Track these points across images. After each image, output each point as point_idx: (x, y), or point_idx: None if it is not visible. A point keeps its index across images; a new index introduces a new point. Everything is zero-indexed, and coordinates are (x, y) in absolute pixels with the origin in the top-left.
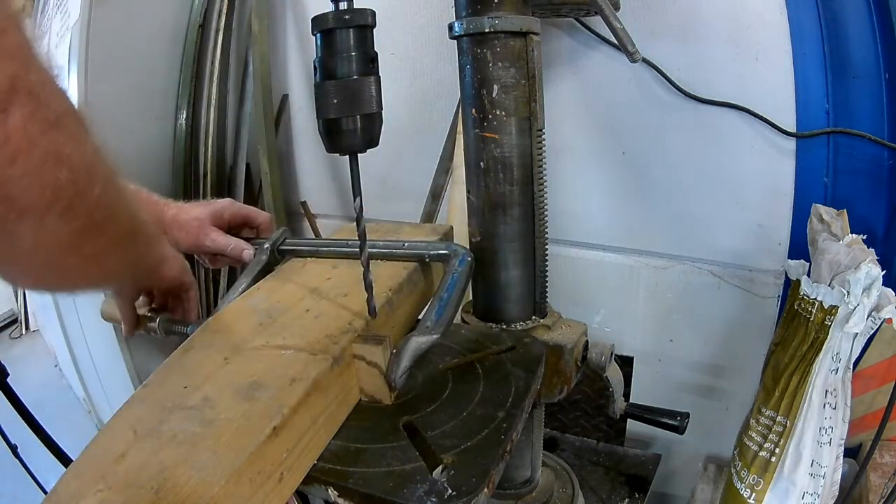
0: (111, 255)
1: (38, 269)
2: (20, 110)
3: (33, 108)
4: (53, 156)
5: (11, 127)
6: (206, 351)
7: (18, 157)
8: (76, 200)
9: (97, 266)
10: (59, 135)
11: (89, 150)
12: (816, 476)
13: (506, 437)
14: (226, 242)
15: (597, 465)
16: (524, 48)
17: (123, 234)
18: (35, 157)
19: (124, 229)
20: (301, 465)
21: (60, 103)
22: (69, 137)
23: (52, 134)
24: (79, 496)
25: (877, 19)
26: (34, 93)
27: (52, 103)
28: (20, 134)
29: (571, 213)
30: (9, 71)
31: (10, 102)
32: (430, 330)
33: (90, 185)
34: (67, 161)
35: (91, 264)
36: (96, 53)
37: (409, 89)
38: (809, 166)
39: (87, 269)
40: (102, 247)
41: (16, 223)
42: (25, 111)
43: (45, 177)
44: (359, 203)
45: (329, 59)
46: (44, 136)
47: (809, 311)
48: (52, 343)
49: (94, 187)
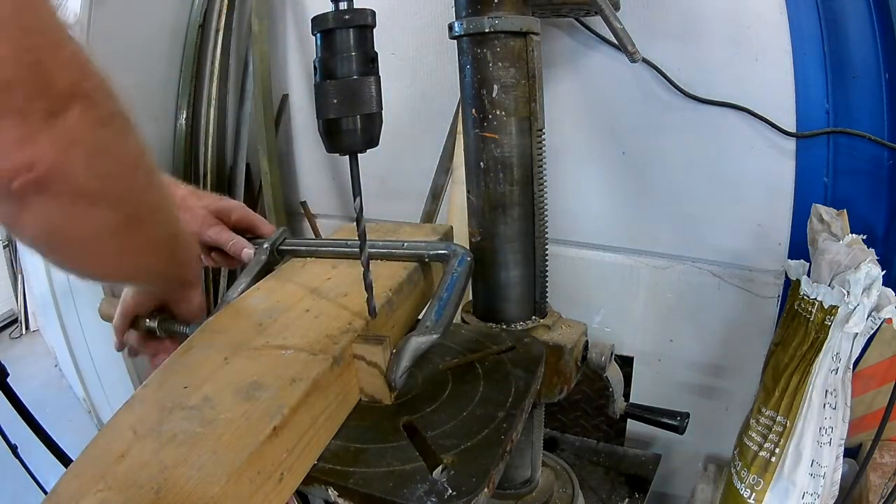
0: (153, 252)
1: (83, 253)
2: (77, 110)
3: (88, 108)
4: (104, 149)
5: (71, 124)
6: (206, 351)
7: (75, 148)
8: (123, 191)
9: (139, 258)
10: (109, 132)
11: (135, 147)
12: (816, 476)
13: (506, 437)
14: (227, 238)
15: (597, 465)
16: (524, 48)
17: (166, 235)
18: (89, 149)
19: (167, 229)
20: (301, 465)
21: (112, 104)
22: (117, 134)
23: (103, 131)
24: (79, 496)
25: (877, 19)
26: (89, 96)
27: (105, 104)
28: (76, 130)
29: (571, 213)
30: (69, 78)
31: (70, 104)
32: (430, 330)
33: (135, 178)
34: (115, 155)
35: (133, 255)
36: (96, 53)
37: (409, 89)
38: (809, 166)
39: (128, 259)
40: (146, 240)
41: (71, 205)
42: (81, 110)
43: (97, 166)
44: (359, 203)
45: (329, 59)
46: (96, 132)
47: (809, 311)
48: (52, 343)
49: (138, 181)
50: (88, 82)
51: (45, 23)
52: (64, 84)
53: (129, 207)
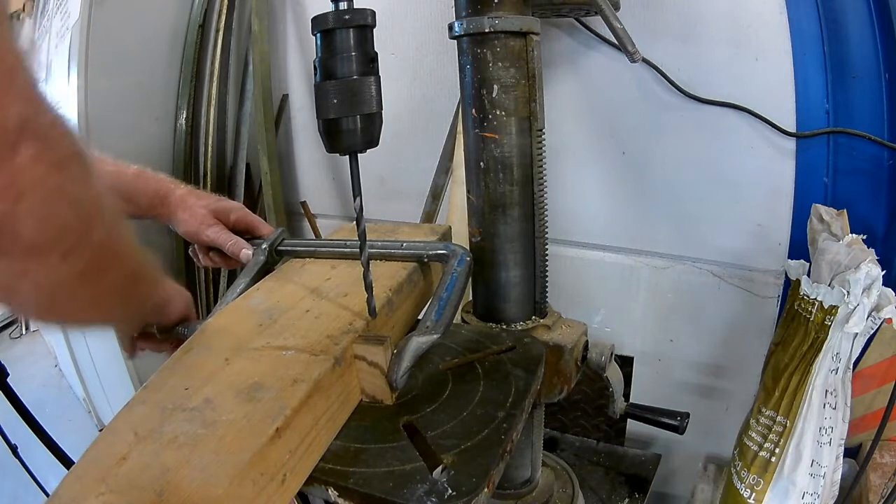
0: (113, 298)
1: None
2: (28, 150)
3: (41, 149)
4: (58, 197)
5: (19, 166)
6: (207, 352)
7: (25, 196)
8: (79, 242)
9: (97, 307)
10: (64, 177)
11: (93, 193)
12: (816, 476)
13: (506, 437)
14: (226, 238)
15: (597, 465)
16: (524, 48)
17: (126, 278)
18: (40, 197)
19: (127, 273)
20: (304, 466)
21: (68, 146)
22: (74, 180)
23: (58, 176)
24: (81, 499)
25: (877, 19)
26: (42, 134)
27: (60, 145)
28: (27, 173)
29: (571, 213)
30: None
31: (20, 143)
32: (431, 330)
33: (93, 227)
34: (72, 203)
35: (92, 305)
36: (96, 53)
37: (409, 89)
38: (809, 166)
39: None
40: (104, 289)
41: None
42: (33, 151)
43: (49, 217)
44: (359, 203)
45: (329, 59)
46: (50, 177)
47: (809, 311)
48: (52, 343)
49: (97, 230)
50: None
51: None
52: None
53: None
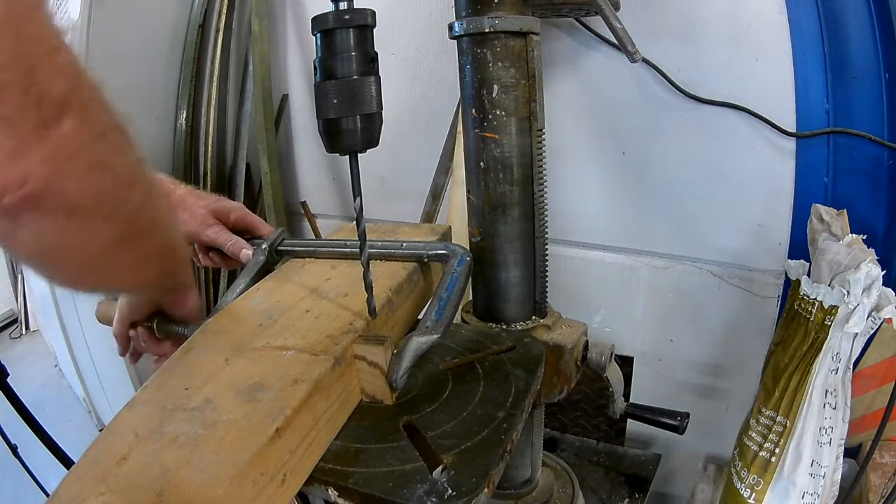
0: (149, 264)
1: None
2: (71, 121)
3: (82, 120)
4: (99, 164)
5: (63, 135)
6: (207, 352)
7: (69, 162)
8: (119, 206)
9: (135, 271)
10: (104, 145)
11: (132, 161)
12: (816, 476)
13: (506, 437)
14: (226, 238)
15: (597, 465)
16: (524, 48)
17: (162, 246)
18: (83, 164)
19: (163, 242)
20: (304, 466)
21: (107, 117)
22: (114, 148)
23: (99, 144)
24: (81, 499)
25: (877, 19)
26: (83, 107)
27: (100, 117)
28: (71, 142)
29: (571, 213)
30: (62, 86)
31: (63, 114)
32: (431, 330)
33: (132, 194)
34: (111, 169)
35: (129, 269)
36: (96, 54)
37: (409, 89)
38: (809, 166)
39: (124, 273)
40: (142, 254)
41: (66, 221)
42: (76, 122)
43: (92, 182)
44: (359, 203)
45: (329, 59)
46: (91, 146)
47: (809, 311)
48: (52, 343)
49: (136, 197)
50: (83, 93)
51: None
52: (57, 93)
53: (126, 223)
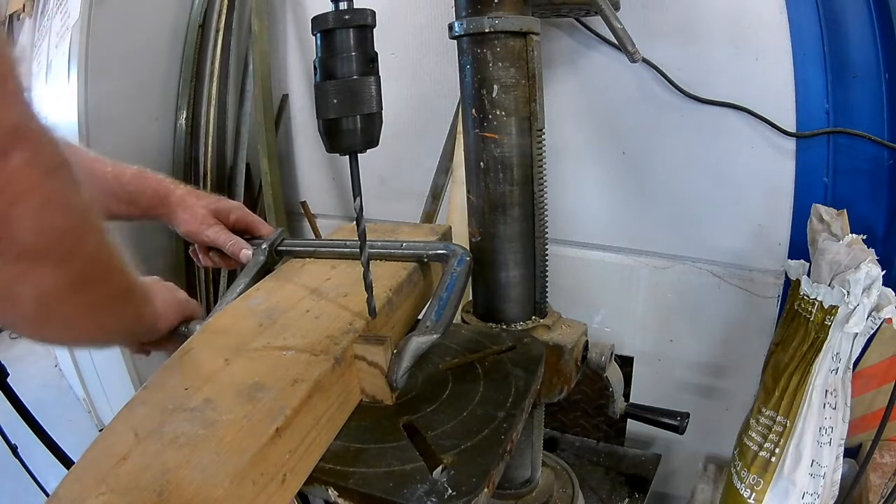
0: (105, 311)
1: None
2: (21, 156)
3: (33, 154)
4: (51, 202)
5: (12, 171)
6: (207, 352)
7: (19, 200)
8: (73, 249)
9: (91, 320)
10: (57, 183)
11: (84, 202)
12: (816, 476)
13: (506, 437)
14: (226, 238)
15: (597, 465)
16: (524, 48)
17: (118, 291)
18: (34, 202)
19: (118, 286)
20: (304, 466)
21: (58, 153)
22: (66, 187)
23: (51, 181)
24: (81, 499)
25: (877, 19)
26: (34, 141)
27: (51, 152)
28: (21, 178)
29: (571, 213)
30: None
31: (13, 147)
32: (431, 330)
33: (86, 235)
34: (65, 209)
35: (84, 317)
36: (96, 53)
37: (409, 89)
38: (809, 166)
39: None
40: (96, 300)
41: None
42: (26, 156)
43: (43, 222)
44: (359, 203)
45: (329, 59)
46: (43, 183)
47: (809, 311)
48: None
49: (89, 238)
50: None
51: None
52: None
53: (79, 267)
